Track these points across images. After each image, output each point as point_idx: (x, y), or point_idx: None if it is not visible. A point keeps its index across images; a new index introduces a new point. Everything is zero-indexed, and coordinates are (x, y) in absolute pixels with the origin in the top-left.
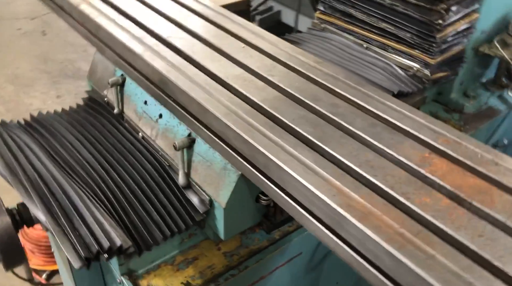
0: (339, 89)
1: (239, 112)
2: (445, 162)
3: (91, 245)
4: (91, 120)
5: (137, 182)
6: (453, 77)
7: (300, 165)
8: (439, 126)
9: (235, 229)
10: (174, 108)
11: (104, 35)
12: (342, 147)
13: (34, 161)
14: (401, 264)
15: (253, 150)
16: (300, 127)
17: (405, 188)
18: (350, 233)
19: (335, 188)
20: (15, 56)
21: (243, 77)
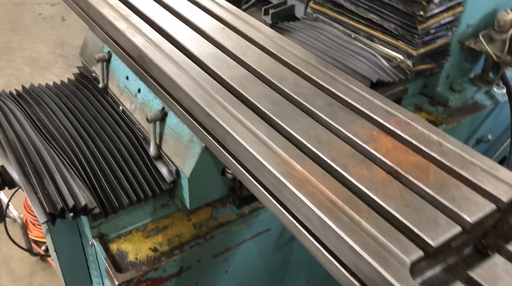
0: (307, 71)
1: (206, 88)
2: (391, 140)
3: (57, 203)
4: (77, 93)
5: (111, 151)
6: (438, 70)
7: (253, 137)
8: (394, 109)
9: (200, 199)
10: (150, 83)
11: (94, 13)
12: (296, 123)
13: (15, 125)
14: (328, 227)
15: (213, 122)
16: (261, 104)
17: (346, 161)
18: (288, 199)
19: (280, 158)
20: (34, 39)
21: (216, 56)
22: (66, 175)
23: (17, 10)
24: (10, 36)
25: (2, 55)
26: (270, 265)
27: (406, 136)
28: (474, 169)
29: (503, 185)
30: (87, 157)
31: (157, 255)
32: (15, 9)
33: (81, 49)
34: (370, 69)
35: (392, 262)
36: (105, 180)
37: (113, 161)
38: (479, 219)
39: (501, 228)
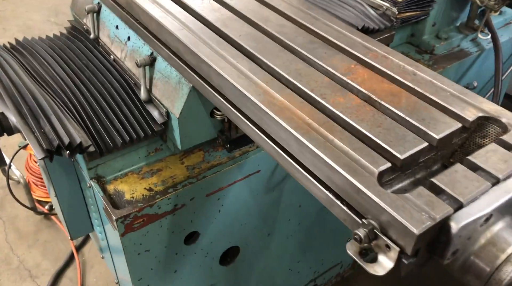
0: (289, 12)
1: (191, 28)
2: (367, 72)
3: (53, 140)
4: (70, 44)
5: (104, 95)
6: (424, 17)
7: (236, 71)
8: (373, 45)
9: (191, 140)
10: (138, 29)
11: None
12: (277, 59)
13: (11, 74)
14: (304, 147)
15: (198, 60)
16: (244, 42)
17: (324, 91)
18: (268, 125)
19: (262, 89)
20: (27, 8)
21: (202, 1)
22: (61, 116)
23: None
24: (3, 5)
25: None
26: (261, 207)
27: (382, 67)
28: (444, 94)
29: (470, 107)
30: (81, 101)
31: (152, 194)
32: None
33: (71, 3)
34: (356, 17)
35: (361, 172)
36: (99, 122)
37: (105, 104)
38: (445, 135)
39: (467, 146)
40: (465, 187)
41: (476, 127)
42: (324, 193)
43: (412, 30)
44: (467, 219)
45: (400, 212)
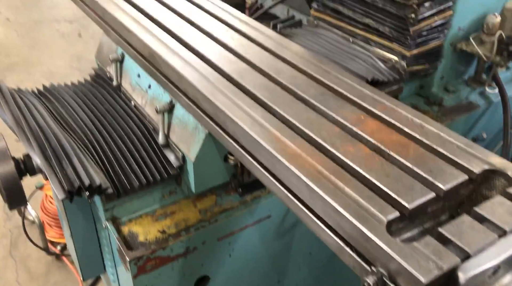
0: (301, 65)
1: (209, 79)
2: (376, 123)
3: (74, 181)
4: (93, 91)
5: (123, 139)
6: (432, 71)
7: (250, 119)
8: (382, 97)
9: (205, 183)
10: (159, 78)
11: (109, 18)
12: (290, 108)
13: (38, 117)
14: (315, 193)
15: (215, 109)
16: (259, 92)
17: (335, 140)
18: (280, 171)
19: (275, 137)
20: (52, 54)
21: (220, 53)
22: (82, 158)
23: (37, 27)
24: (30, 52)
25: (22, 69)
26: (272, 252)
27: (390, 119)
28: (451, 146)
29: (477, 159)
30: (101, 144)
31: (165, 236)
32: (35, 27)
33: (96, 52)
34: (366, 69)
35: (371, 220)
36: (118, 164)
37: (125, 148)
38: (452, 187)
39: (475, 198)
40: (472, 238)
41: (483, 180)
42: (334, 239)
43: (421, 82)
44: (475, 269)
45: (408, 260)
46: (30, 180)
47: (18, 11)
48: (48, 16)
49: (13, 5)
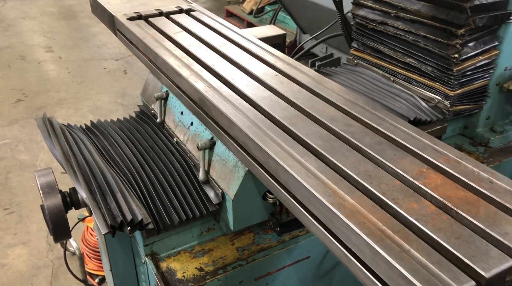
0: (355, 112)
1: (260, 126)
2: (440, 177)
3: (117, 216)
4: (138, 127)
5: (165, 175)
6: (478, 111)
7: (304, 170)
8: (443, 148)
9: (243, 222)
10: (200, 115)
11: (160, 62)
12: (345, 158)
13: (85, 152)
14: (378, 255)
15: (266, 157)
16: (311, 140)
17: (396, 195)
18: (338, 228)
19: (331, 190)
20: (98, 90)
21: (270, 99)
22: (125, 193)
23: (86, 65)
24: (78, 88)
25: (71, 105)
26: None
27: (455, 173)
28: None
29: None
30: (144, 180)
31: (203, 274)
32: (85, 64)
33: (142, 89)
34: (408, 109)
35: None
36: (159, 200)
37: (166, 183)
38: None
39: None
40: None
41: None
42: None
43: (465, 122)
44: None
45: None
46: (72, 211)
47: (69, 50)
48: (97, 54)
49: (65, 45)
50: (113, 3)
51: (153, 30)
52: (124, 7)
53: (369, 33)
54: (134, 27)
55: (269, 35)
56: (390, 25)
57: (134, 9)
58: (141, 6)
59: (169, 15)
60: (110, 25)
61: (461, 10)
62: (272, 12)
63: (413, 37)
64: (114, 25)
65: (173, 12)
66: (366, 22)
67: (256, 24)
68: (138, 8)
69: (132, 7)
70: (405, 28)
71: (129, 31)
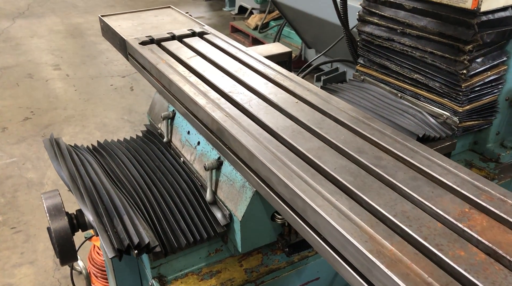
0: (384, 143)
1: (283, 160)
2: (485, 218)
3: (124, 240)
4: (144, 146)
5: (172, 196)
6: (487, 126)
7: (336, 210)
8: (483, 183)
9: (252, 243)
10: (227, 153)
11: (175, 89)
12: (379, 197)
13: (91, 174)
14: None
15: (293, 194)
16: (341, 176)
17: (439, 240)
18: (378, 279)
19: (367, 234)
20: (105, 107)
21: (292, 129)
22: (132, 216)
23: (93, 82)
24: (85, 105)
25: (78, 122)
26: None
27: (501, 213)
28: None
29: None
30: (151, 201)
31: None
32: (92, 81)
33: (149, 109)
34: (417, 125)
35: None
36: (166, 222)
37: (173, 205)
38: None
39: None
40: None
41: None
42: None
43: (474, 138)
44: None
45: None
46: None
47: (76, 68)
48: (104, 71)
49: (73, 63)
50: (124, 26)
51: (166, 55)
52: (135, 31)
53: (375, 49)
54: (147, 52)
55: (275, 53)
56: (396, 41)
57: (146, 33)
58: (153, 30)
59: (182, 38)
60: (122, 50)
61: (468, 26)
62: (277, 27)
63: (420, 53)
64: (125, 49)
65: (186, 36)
66: (372, 39)
67: (261, 39)
68: (150, 31)
69: (144, 31)
70: (412, 44)
71: (141, 57)
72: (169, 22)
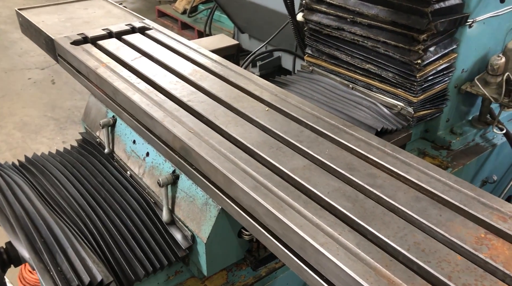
0: (374, 156)
1: (268, 185)
2: (506, 245)
3: (72, 280)
4: (82, 160)
5: (122, 219)
6: (438, 114)
7: (341, 248)
8: (490, 200)
9: (218, 265)
10: (158, 145)
11: (123, 99)
12: (386, 226)
13: (22, 199)
14: None
15: (286, 229)
16: (337, 202)
17: (465, 278)
18: None
19: (385, 278)
20: (24, 104)
21: (270, 144)
22: (78, 248)
23: (7, 76)
24: (0, 102)
25: None
26: None
27: None
28: None
29: None
30: (98, 227)
31: None
32: (5, 75)
33: (83, 115)
34: (373, 118)
35: None
36: (119, 251)
37: (125, 229)
38: None
39: None
40: None
41: None
42: None
43: (425, 126)
44: None
45: None
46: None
47: None
48: (19, 64)
49: None
50: (49, 22)
51: (105, 56)
52: (64, 28)
53: (324, 39)
54: (81, 54)
55: (222, 47)
56: (346, 30)
57: (76, 30)
58: (85, 26)
59: (120, 36)
60: (49, 50)
61: (422, 15)
62: (207, 11)
63: (372, 42)
64: (54, 50)
65: (125, 32)
66: (320, 28)
67: (190, 24)
68: (81, 28)
69: (74, 27)
70: (363, 34)
71: (75, 59)
72: (102, 16)
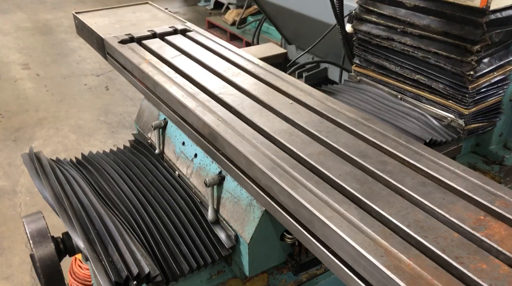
0: (388, 146)
1: (284, 167)
2: (503, 226)
3: (122, 271)
4: (134, 159)
5: (170, 216)
6: (491, 128)
7: (346, 222)
8: (495, 188)
9: (260, 266)
10: (220, 159)
11: (161, 91)
12: (390, 206)
13: (79, 193)
14: None
15: (297, 204)
16: (347, 183)
17: (458, 251)
18: None
19: (382, 248)
20: (79, 108)
21: (290, 132)
22: (128, 242)
23: (65, 82)
24: (58, 106)
25: (51, 124)
26: None
27: None
28: None
29: None
30: (147, 223)
31: None
32: (63, 81)
33: (136, 117)
34: (421, 129)
35: None
36: (165, 247)
37: (172, 226)
38: None
39: None
40: None
41: None
42: None
43: (476, 140)
44: None
45: None
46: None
47: (47, 67)
48: (76, 70)
49: (43, 61)
50: (101, 24)
51: (148, 54)
52: (113, 29)
53: (373, 49)
54: (128, 52)
55: (270, 55)
56: (396, 41)
57: (124, 30)
58: (132, 27)
59: (163, 36)
60: (100, 49)
61: (476, 25)
62: (255, 23)
63: (422, 53)
64: (104, 48)
65: (167, 33)
66: (369, 38)
67: (239, 35)
68: (129, 29)
69: (122, 28)
70: (414, 44)
71: (122, 56)
72: (148, 19)
